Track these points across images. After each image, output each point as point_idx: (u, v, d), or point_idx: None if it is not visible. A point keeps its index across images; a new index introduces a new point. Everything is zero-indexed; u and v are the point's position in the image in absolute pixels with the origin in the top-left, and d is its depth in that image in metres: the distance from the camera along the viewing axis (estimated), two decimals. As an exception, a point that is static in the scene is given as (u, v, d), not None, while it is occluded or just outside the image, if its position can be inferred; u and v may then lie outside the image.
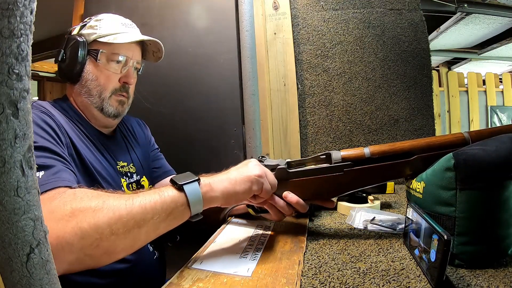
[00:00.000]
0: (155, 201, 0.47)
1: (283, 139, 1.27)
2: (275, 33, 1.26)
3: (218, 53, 1.20)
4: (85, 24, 0.73)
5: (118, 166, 0.75)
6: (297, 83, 1.26)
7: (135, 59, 0.76)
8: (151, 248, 0.75)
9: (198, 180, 0.52)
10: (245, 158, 1.20)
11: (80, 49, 0.69)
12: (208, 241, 0.66)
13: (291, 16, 1.26)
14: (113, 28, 0.72)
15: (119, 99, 0.74)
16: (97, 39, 0.71)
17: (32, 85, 0.71)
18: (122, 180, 0.74)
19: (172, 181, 0.52)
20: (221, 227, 0.74)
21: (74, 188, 0.49)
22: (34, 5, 0.22)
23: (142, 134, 0.91)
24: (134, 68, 0.77)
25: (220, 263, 0.55)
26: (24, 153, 0.22)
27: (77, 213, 0.42)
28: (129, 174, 0.78)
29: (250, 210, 0.74)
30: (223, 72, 1.20)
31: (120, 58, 0.72)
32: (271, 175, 0.62)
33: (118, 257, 0.46)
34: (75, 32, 0.73)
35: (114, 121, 0.77)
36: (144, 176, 0.83)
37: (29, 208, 0.23)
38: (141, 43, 0.79)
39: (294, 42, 1.26)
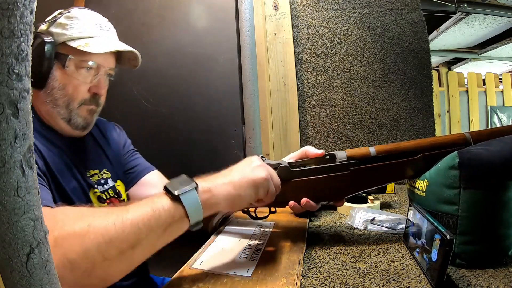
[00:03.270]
0: (149, 216, 0.42)
1: (283, 139, 1.27)
2: (275, 33, 1.26)
3: (218, 53, 1.20)
4: (55, 20, 0.63)
5: (88, 175, 0.69)
6: (297, 83, 1.26)
7: (108, 67, 0.68)
8: None
9: (196, 186, 0.47)
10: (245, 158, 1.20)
11: (46, 50, 0.60)
12: (208, 241, 0.66)
13: (291, 16, 1.26)
14: (86, 31, 0.63)
15: (89, 108, 0.67)
16: (67, 42, 0.62)
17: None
18: (94, 191, 0.68)
19: (166, 189, 0.46)
20: (221, 227, 0.74)
21: (53, 208, 0.44)
22: (34, 5, 0.22)
23: (115, 138, 0.83)
24: (107, 75, 0.70)
25: (220, 263, 0.55)
26: (24, 153, 0.22)
27: (61, 242, 0.37)
28: (102, 181, 0.71)
29: (246, 216, 0.71)
30: (223, 72, 1.20)
31: (91, 63, 0.64)
32: (275, 176, 0.57)
33: (116, 280, 0.42)
34: (43, 28, 0.63)
35: (83, 133, 0.69)
36: (119, 180, 0.76)
37: (29, 208, 0.23)
38: None
39: (294, 42, 1.26)
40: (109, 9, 1.25)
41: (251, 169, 0.54)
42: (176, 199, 0.45)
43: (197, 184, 0.47)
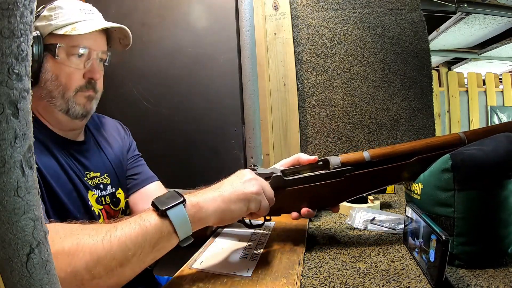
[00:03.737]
0: (136, 233, 0.42)
1: (283, 139, 1.27)
2: (275, 33, 1.26)
3: (218, 53, 1.20)
4: (39, 15, 0.63)
5: (86, 178, 0.67)
6: (297, 83, 1.26)
7: (99, 50, 0.67)
8: None
9: (184, 201, 0.46)
10: (245, 158, 1.20)
11: (34, 45, 0.59)
12: (208, 241, 0.66)
13: (291, 16, 1.26)
14: (71, 17, 0.62)
15: (87, 94, 0.65)
16: (53, 32, 0.61)
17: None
18: (91, 193, 0.66)
19: (153, 204, 0.46)
20: (219, 228, 0.73)
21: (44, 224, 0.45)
22: (34, 5, 0.22)
23: (118, 140, 0.81)
24: (100, 60, 0.68)
25: (220, 263, 0.55)
26: (24, 153, 0.22)
27: None
28: (101, 186, 0.70)
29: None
30: (223, 72, 1.20)
31: (81, 51, 0.63)
32: (268, 189, 0.56)
33: None
34: None
35: (82, 122, 0.68)
36: (120, 188, 0.75)
37: (29, 208, 0.23)
38: (105, 31, 0.69)
39: (294, 42, 1.26)
40: (109, 9, 1.25)
41: (242, 183, 0.53)
42: (163, 214, 0.44)
43: (184, 199, 0.47)
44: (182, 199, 0.46)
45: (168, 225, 0.44)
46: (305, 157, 0.65)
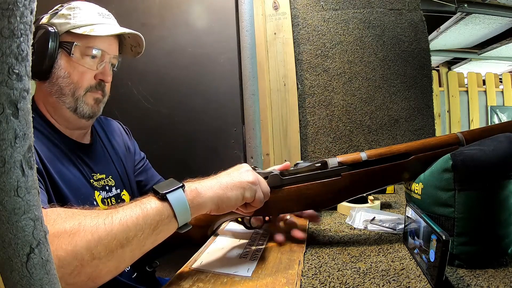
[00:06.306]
0: (137, 216, 0.43)
1: (283, 139, 1.27)
2: (275, 33, 1.26)
3: (218, 53, 1.20)
4: (57, 12, 0.64)
5: (92, 180, 0.68)
6: (297, 83, 1.26)
7: (112, 54, 0.69)
8: (128, 267, 0.68)
9: (183, 186, 0.48)
10: (245, 158, 1.20)
11: (50, 41, 0.60)
12: (208, 241, 0.66)
13: (291, 16, 1.26)
14: (89, 19, 0.64)
15: (95, 96, 0.67)
16: (71, 30, 0.62)
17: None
18: (96, 193, 0.67)
19: (153, 190, 0.47)
20: (221, 227, 0.74)
21: (45, 209, 0.44)
22: (34, 5, 0.22)
23: (120, 142, 0.82)
24: (111, 64, 0.70)
25: (220, 263, 0.55)
26: (24, 153, 0.22)
27: (52, 239, 0.37)
28: (107, 187, 0.71)
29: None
30: (223, 72, 1.20)
31: (95, 52, 0.64)
32: (264, 183, 0.58)
33: (104, 281, 0.42)
34: (44, 21, 0.64)
35: (88, 122, 0.69)
36: (124, 190, 0.75)
37: (29, 208, 0.23)
38: (119, 37, 0.71)
39: (294, 42, 1.26)
40: (109, 9, 1.25)
41: (239, 173, 0.55)
42: (163, 198, 0.46)
43: (183, 184, 0.48)
44: (181, 184, 0.48)
45: (168, 208, 0.45)
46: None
